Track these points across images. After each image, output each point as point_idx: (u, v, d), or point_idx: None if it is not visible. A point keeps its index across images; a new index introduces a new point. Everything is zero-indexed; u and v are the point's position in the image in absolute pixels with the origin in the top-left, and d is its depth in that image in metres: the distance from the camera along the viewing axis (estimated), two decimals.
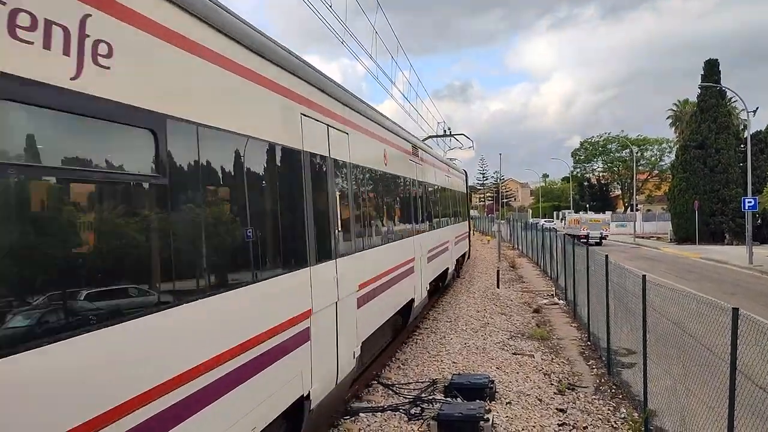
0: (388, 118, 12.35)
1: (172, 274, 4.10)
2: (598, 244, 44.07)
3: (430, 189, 17.29)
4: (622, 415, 9.14)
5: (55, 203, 3.33)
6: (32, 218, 3.20)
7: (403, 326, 13.41)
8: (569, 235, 23.85)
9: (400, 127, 13.77)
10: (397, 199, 12.75)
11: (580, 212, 65.23)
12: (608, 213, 65.48)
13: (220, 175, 4.99)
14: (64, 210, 3.38)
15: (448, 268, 19.87)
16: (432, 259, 16.24)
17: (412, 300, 13.09)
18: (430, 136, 35.00)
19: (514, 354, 12.85)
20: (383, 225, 11.13)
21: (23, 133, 3.16)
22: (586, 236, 44.43)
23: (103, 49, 3.50)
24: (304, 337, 6.37)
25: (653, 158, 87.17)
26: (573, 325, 16.11)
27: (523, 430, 8.54)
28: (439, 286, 19.51)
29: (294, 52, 6.91)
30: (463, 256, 27.01)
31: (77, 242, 3.44)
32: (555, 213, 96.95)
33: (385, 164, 11.35)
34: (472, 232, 43.17)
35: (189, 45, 4.47)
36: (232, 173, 5.20)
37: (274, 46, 6.16)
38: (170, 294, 4.04)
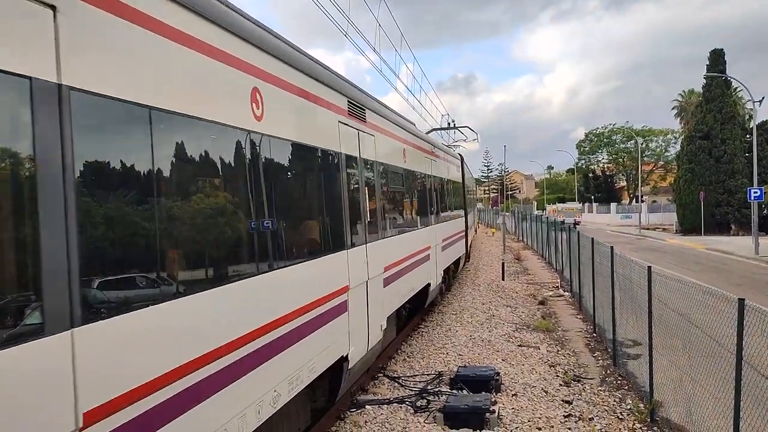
0: (264, 29, 6.26)
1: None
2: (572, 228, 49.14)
3: (394, 175, 11.66)
4: (628, 406, 9.16)
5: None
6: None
7: (329, 401, 8.30)
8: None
9: (319, 64, 7.88)
10: (319, 190, 7.39)
11: (557, 203, 76.56)
12: (577, 204, 68.18)
13: None
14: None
15: (429, 285, 14.21)
16: (395, 280, 10.82)
17: (344, 359, 7.83)
18: (434, 129, 34.94)
19: (520, 346, 12.87)
20: (268, 234, 5.87)
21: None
22: (562, 222, 48.66)
23: None
24: None
25: (658, 149, 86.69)
26: (578, 316, 16.12)
27: (529, 421, 8.56)
28: (423, 306, 14.82)
29: None
30: (458, 262, 21.46)
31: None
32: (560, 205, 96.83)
33: (259, 119, 5.66)
34: (476, 226, 42.59)
35: None
36: None
37: None
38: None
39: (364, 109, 9.53)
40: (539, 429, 8.31)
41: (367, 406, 9.14)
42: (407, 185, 13.02)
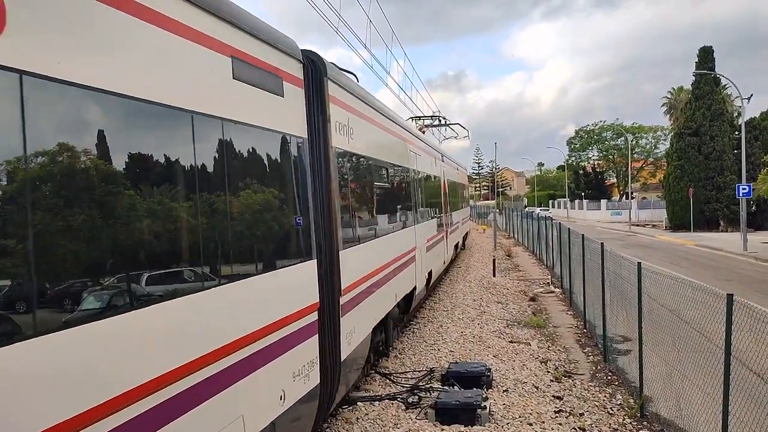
0: None
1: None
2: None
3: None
4: (618, 402, 9.22)
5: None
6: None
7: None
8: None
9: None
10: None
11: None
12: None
13: None
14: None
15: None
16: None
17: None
18: (426, 126, 34.89)
19: (511, 342, 12.91)
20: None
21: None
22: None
23: None
24: None
25: (648, 146, 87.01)
26: (569, 313, 16.20)
27: (520, 417, 8.60)
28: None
29: None
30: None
31: None
32: (550, 202, 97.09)
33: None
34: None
35: None
36: None
37: None
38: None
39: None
40: (530, 425, 8.35)
41: (358, 403, 9.14)
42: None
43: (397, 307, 11.61)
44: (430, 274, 15.79)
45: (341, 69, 8.68)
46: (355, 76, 9.44)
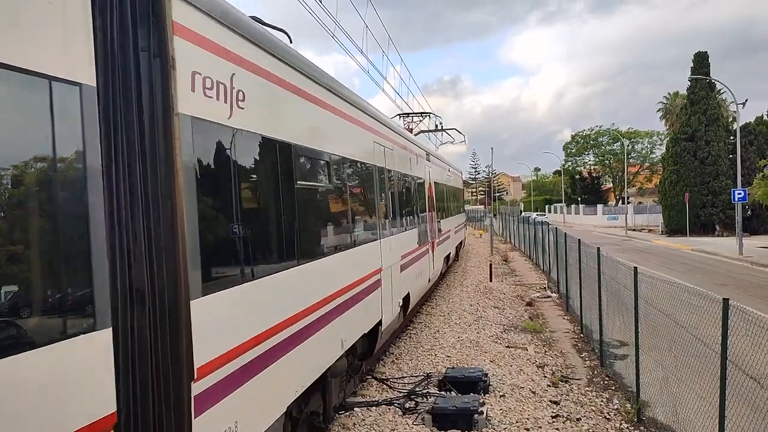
0: None
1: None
2: None
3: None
4: (615, 406, 9.22)
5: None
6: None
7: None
8: None
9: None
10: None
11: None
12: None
13: None
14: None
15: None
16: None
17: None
18: (422, 131, 34.93)
19: (508, 347, 12.91)
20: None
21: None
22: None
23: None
24: None
25: (644, 151, 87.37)
26: (566, 317, 16.20)
27: (517, 422, 8.59)
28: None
29: None
30: None
31: None
32: (547, 207, 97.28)
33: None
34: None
35: None
36: None
37: None
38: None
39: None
40: (527, 430, 8.34)
41: (355, 408, 9.12)
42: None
43: (347, 356, 8.38)
44: (407, 297, 12.51)
45: (268, 25, 6.19)
46: (288, 36, 6.71)
